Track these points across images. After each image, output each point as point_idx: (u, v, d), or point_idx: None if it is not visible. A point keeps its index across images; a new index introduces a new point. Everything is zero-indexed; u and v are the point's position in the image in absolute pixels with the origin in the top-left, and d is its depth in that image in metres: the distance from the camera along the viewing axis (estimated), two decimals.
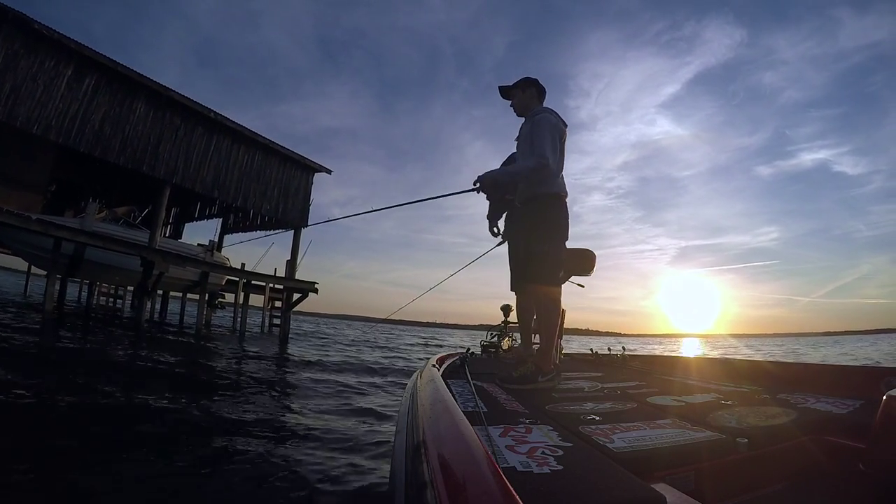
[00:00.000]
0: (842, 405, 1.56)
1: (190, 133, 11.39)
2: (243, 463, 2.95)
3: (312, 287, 12.96)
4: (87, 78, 9.84)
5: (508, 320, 4.77)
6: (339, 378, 7.19)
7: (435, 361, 2.25)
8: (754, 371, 2.41)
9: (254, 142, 12.38)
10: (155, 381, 5.29)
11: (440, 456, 0.62)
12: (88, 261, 11.22)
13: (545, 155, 2.16)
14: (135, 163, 10.53)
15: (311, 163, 13.73)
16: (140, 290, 11.22)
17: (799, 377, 2.13)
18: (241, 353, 9.71)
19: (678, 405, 1.63)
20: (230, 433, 3.57)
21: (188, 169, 11.31)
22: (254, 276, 12.99)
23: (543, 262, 2.23)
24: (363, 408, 5.02)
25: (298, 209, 13.50)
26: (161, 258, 10.28)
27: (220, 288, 14.27)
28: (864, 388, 1.72)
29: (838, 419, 1.40)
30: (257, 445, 3.31)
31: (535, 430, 1.16)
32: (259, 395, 5.41)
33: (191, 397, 4.63)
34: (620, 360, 3.39)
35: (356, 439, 3.68)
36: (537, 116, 2.32)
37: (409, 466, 0.71)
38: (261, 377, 6.68)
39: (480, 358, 3.71)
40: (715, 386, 2.15)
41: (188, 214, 17.70)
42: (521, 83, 2.52)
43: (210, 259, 12.38)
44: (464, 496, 0.48)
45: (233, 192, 11.94)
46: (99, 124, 9.99)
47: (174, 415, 3.95)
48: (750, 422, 1.34)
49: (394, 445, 1.08)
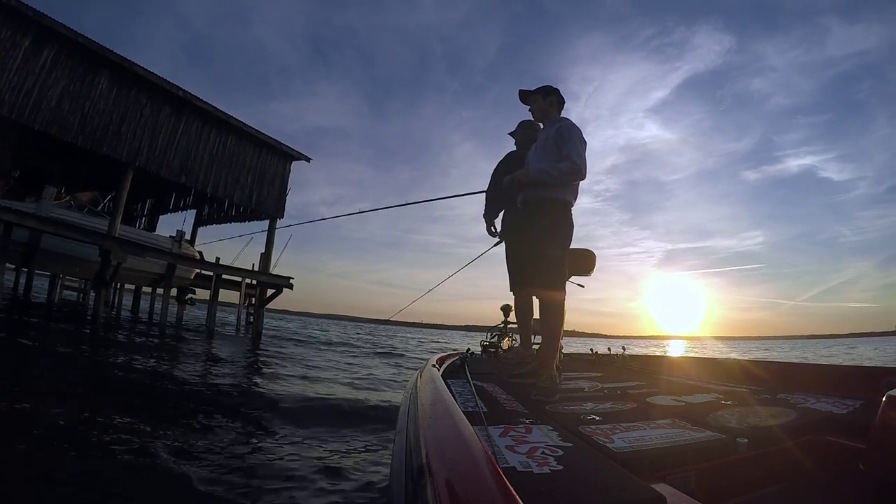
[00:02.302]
0: (842, 405, 1.56)
1: (156, 113, 10.51)
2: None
3: (287, 282, 12.08)
4: (45, 50, 9.01)
5: (508, 320, 4.83)
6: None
7: (435, 361, 2.23)
8: (754, 371, 2.41)
9: (226, 124, 11.49)
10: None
11: (440, 456, 0.61)
12: (44, 250, 10.28)
13: (577, 162, 2.19)
14: (94, 143, 9.68)
15: (289, 149, 12.87)
16: (98, 282, 10.28)
17: (799, 377, 2.13)
18: (185, 358, 7.54)
19: (678, 405, 1.63)
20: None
21: (153, 151, 10.43)
22: (225, 269, 12.03)
23: (554, 267, 2.22)
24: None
25: (274, 198, 12.62)
26: (118, 247, 9.37)
27: (189, 283, 13.28)
28: (864, 388, 1.72)
29: (838, 419, 1.41)
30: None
31: (535, 430, 1.17)
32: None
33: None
34: (620, 360, 3.38)
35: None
36: (565, 123, 2.33)
37: (409, 466, 0.70)
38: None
39: (480, 358, 3.71)
40: (715, 386, 2.15)
41: (164, 206, 16.70)
42: (543, 90, 2.51)
43: (177, 250, 11.44)
44: (464, 496, 0.48)
45: (202, 177, 11.03)
46: (57, 100, 9.15)
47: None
48: (750, 422, 1.34)
49: (394, 445, 1.07)
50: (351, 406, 4.63)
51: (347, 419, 4.13)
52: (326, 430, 3.74)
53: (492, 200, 3.28)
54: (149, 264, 11.17)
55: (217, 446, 3.08)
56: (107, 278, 10.14)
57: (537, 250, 2.26)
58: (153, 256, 10.13)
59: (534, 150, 2.52)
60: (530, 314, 2.98)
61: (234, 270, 12.11)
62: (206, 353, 8.56)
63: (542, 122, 2.55)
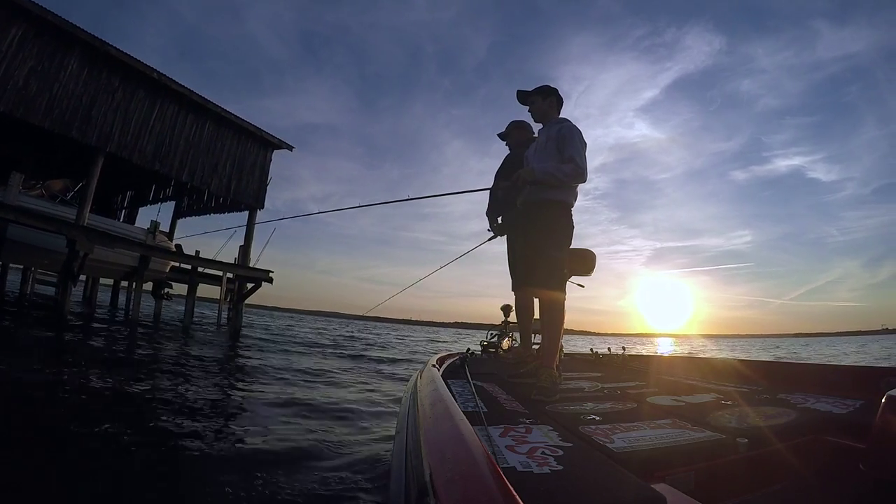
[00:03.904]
0: (842, 405, 1.57)
1: (129, 96, 9.96)
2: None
3: (266, 276, 11.55)
4: (13, 28, 8.44)
5: (508, 320, 4.81)
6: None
7: (435, 361, 2.24)
8: (754, 371, 2.42)
9: (204, 109, 10.90)
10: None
11: (440, 456, 0.60)
12: (12, 241, 9.68)
13: (581, 165, 2.21)
14: (63, 126, 9.15)
15: (270, 137, 12.29)
16: (64, 275, 9.70)
17: (799, 377, 2.14)
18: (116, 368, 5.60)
19: (678, 405, 1.63)
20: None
21: (125, 136, 9.86)
22: (201, 261, 11.44)
23: (555, 268, 2.24)
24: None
25: (254, 188, 12.05)
26: (84, 237, 8.81)
27: (165, 276, 12.68)
28: (864, 388, 1.72)
29: (838, 419, 1.41)
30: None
31: (535, 430, 1.16)
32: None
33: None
34: (620, 360, 3.39)
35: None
36: (566, 125, 2.34)
37: (409, 466, 0.70)
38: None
39: (480, 358, 3.73)
40: (715, 386, 2.16)
41: (144, 198, 16.09)
42: (542, 90, 2.52)
43: (151, 242, 10.86)
44: (464, 496, 0.48)
45: (177, 165, 10.44)
46: (24, 81, 8.59)
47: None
48: (750, 422, 1.35)
49: (394, 445, 1.07)
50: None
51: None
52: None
53: (494, 201, 3.34)
54: (120, 256, 10.59)
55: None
56: (74, 270, 9.61)
57: (537, 251, 2.27)
58: (122, 247, 9.55)
59: (533, 150, 2.52)
60: (531, 314, 2.95)
61: (210, 263, 11.53)
62: (156, 359, 6.92)
63: (542, 123, 2.54)
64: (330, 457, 3.00)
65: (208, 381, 5.47)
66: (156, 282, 13.01)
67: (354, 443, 3.38)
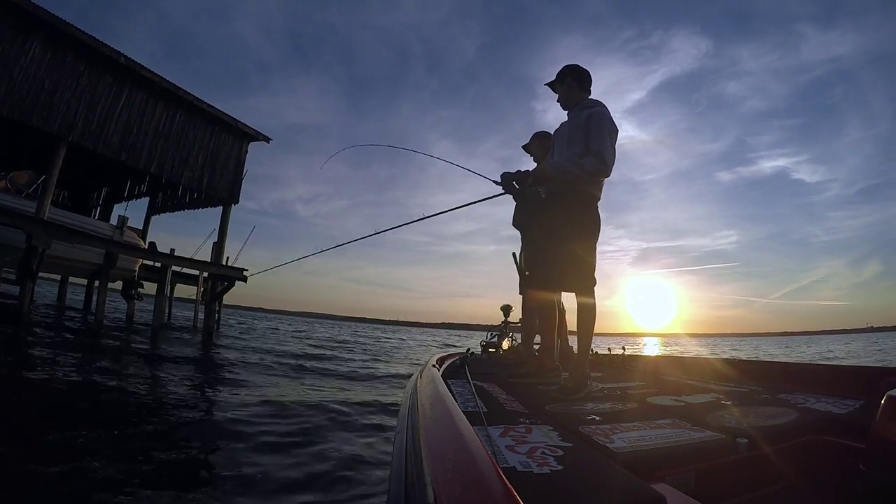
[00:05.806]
0: (842, 405, 1.55)
1: (95, 82, 9.36)
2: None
3: (240, 274, 10.97)
4: None
5: (508, 320, 4.80)
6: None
7: (435, 361, 2.23)
8: (754, 371, 2.42)
9: (174, 97, 10.31)
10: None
11: (440, 456, 0.60)
12: None
13: (606, 161, 2.11)
14: (22, 113, 8.54)
15: (246, 128, 11.71)
16: (22, 272, 9.07)
17: (799, 377, 2.14)
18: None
19: (678, 405, 1.62)
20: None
21: (90, 124, 9.27)
22: (172, 259, 10.78)
23: (587, 270, 2.18)
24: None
25: (228, 182, 11.43)
26: (41, 231, 8.22)
27: (135, 275, 12.03)
28: (864, 388, 1.71)
29: (838, 419, 1.40)
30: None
31: (535, 430, 1.16)
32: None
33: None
34: (620, 360, 3.40)
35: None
36: (595, 111, 2.22)
37: (409, 467, 0.67)
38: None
39: (480, 358, 3.68)
40: (715, 386, 2.16)
41: (119, 195, 15.38)
42: (558, 75, 2.42)
43: (118, 238, 10.25)
44: (464, 496, 0.47)
45: (145, 155, 9.82)
46: None
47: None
48: (750, 422, 1.34)
49: (394, 445, 1.02)
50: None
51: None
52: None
53: (523, 200, 3.09)
54: (84, 253, 9.95)
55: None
56: (33, 267, 9.01)
57: (567, 253, 2.18)
58: (82, 242, 8.93)
59: (560, 138, 2.41)
60: (555, 318, 2.62)
61: (181, 261, 10.88)
62: (95, 370, 5.84)
63: (568, 109, 2.42)
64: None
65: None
66: (125, 281, 12.36)
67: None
